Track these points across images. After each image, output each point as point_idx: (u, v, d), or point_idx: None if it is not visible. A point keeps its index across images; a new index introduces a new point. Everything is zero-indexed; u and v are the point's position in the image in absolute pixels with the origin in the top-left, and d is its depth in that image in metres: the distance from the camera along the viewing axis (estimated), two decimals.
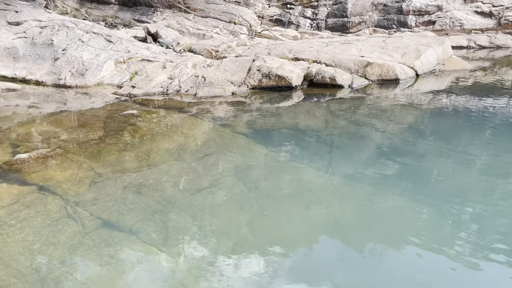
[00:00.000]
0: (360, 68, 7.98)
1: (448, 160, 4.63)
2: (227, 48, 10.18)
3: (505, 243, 3.14)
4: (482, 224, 3.41)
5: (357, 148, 5.08)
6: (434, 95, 7.13)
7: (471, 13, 11.97)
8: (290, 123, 6.06)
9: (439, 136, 5.35)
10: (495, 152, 4.75)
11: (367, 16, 14.04)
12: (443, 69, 8.51)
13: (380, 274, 2.90)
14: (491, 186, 4.00)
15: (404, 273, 2.92)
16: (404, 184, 4.12)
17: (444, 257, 3.05)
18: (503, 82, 7.67)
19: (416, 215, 3.61)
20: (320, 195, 3.95)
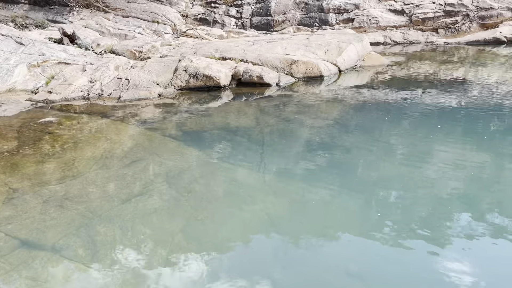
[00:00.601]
0: (286, 66, 8.12)
1: (372, 152, 4.84)
2: (151, 48, 9.87)
3: (425, 226, 3.34)
4: (404, 210, 3.61)
5: (287, 145, 5.15)
6: (356, 89, 7.45)
7: (386, 11, 12.70)
8: (221, 124, 6.00)
9: (363, 129, 5.59)
10: (413, 141, 5.06)
11: (290, 15, 14.36)
12: (363, 64, 8.93)
13: (315, 266, 2.94)
14: (410, 174, 4.25)
15: (337, 263, 2.99)
16: (333, 176, 4.24)
17: (373, 243, 3.17)
18: (417, 75, 8.22)
19: (345, 206, 3.73)
20: (254, 194, 3.94)
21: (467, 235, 3.22)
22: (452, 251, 3.07)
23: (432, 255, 3.04)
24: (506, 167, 4.33)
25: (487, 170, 4.29)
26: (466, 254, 3.03)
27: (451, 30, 11.38)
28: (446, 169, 4.33)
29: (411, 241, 3.21)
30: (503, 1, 10.69)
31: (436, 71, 8.39)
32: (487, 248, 3.10)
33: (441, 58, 9.65)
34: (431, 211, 3.59)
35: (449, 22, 11.40)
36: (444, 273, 2.84)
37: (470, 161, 4.46)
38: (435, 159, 4.57)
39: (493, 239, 3.16)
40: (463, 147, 4.82)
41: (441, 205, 3.67)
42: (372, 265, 2.95)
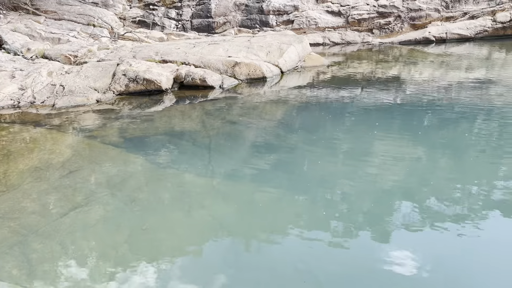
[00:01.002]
0: (229, 68, 8.10)
1: (316, 150, 4.94)
2: (87, 52, 9.45)
3: (370, 219, 3.45)
4: (350, 205, 3.70)
5: (234, 147, 5.13)
6: (299, 90, 7.58)
7: (324, 12, 13.06)
8: (165, 128, 5.86)
9: (307, 128, 5.69)
10: (354, 139, 5.22)
11: (231, 16, 14.36)
12: (304, 65, 9.11)
13: (265, 267, 2.93)
14: (353, 170, 4.37)
15: (286, 263, 3.00)
16: (280, 177, 4.27)
17: (321, 240, 3.22)
18: (355, 74, 8.51)
19: (292, 205, 3.76)
20: (201, 199, 3.87)
21: (409, 225, 3.36)
22: (396, 241, 3.18)
23: (378, 246, 3.14)
24: (440, 158, 4.57)
25: (423, 162, 4.51)
26: (409, 243, 3.15)
27: (385, 30, 11.93)
28: (386, 163, 4.50)
29: (358, 234, 3.30)
30: (430, 3, 11.37)
31: (373, 70, 8.74)
32: (428, 236, 3.25)
33: (377, 58, 10.07)
34: (375, 204, 3.72)
35: (382, 23, 11.94)
36: (390, 262, 2.94)
37: (408, 155, 4.67)
38: (375, 155, 4.74)
39: (433, 227, 3.31)
40: (400, 142, 5.04)
41: (383, 198, 3.80)
42: (320, 262, 2.99)
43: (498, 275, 2.76)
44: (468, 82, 7.35)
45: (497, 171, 4.16)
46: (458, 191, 3.87)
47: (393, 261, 2.94)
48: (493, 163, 4.34)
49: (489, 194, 3.77)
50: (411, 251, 3.04)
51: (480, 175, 4.10)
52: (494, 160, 4.42)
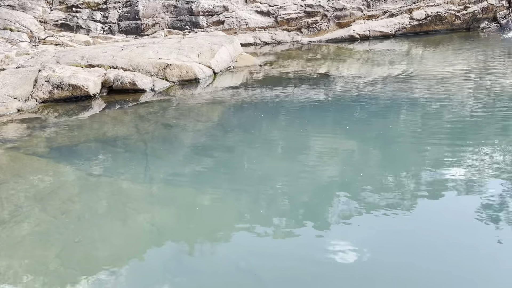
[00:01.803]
0: (160, 70, 7.93)
1: (253, 149, 4.98)
2: (4, 59, 8.79)
3: (310, 213, 3.54)
4: (289, 200, 3.77)
5: (171, 151, 5.03)
6: (233, 90, 7.60)
7: (253, 12, 13.21)
8: (96, 135, 5.61)
9: (243, 128, 5.72)
10: (289, 135, 5.33)
11: (160, 18, 14.06)
12: (236, 65, 9.15)
13: (206, 270, 2.90)
14: (290, 167, 4.46)
15: (228, 263, 2.99)
16: (219, 178, 4.26)
17: (263, 237, 3.24)
18: (287, 73, 8.70)
19: (233, 205, 3.76)
20: (138, 206, 3.75)
21: (347, 215, 3.48)
22: (336, 232, 3.29)
23: (320, 238, 3.22)
24: (371, 150, 4.80)
25: (356, 154, 4.72)
26: (349, 232, 3.27)
27: (313, 29, 12.31)
28: (321, 158, 4.64)
29: (300, 228, 3.36)
30: (353, 2, 11.91)
31: (304, 68, 8.98)
32: (366, 224, 3.39)
33: (307, 56, 10.37)
34: (314, 197, 3.82)
35: (310, 22, 12.31)
36: (332, 252, 3.03)
37: (341, 149, 4.86)
38: (310, 150, 4.87)
39: (369, 215, 3.47)
40: (333, 136, 5.23)
41: (322, 191, 3.92)
42: (262, 259, 3.01)
43: (430, 258, 2.95)
44: (392, 76, 7.80)
45: (423, 159, 4.45)
46: (389, 180, 4.09)
47: (335, 251, 3.03)
48: (419, 151, 4.63)
49: (418, 181, 4.02)
50: (351, 240, 3.14)
51: (408, 164, 4.35)
52: (420, 148, 4.71)
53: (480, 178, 3.93)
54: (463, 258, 2.89)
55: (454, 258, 2.90)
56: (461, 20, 10.90)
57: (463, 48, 9.64)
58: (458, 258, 2.90)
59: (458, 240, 3.10)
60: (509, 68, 7.70)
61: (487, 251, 2.95)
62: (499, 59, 8.57)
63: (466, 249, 2.99)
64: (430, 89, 6.77)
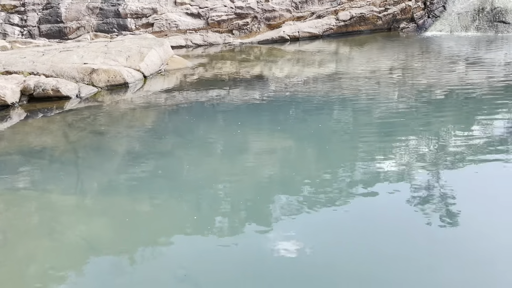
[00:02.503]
0: (86, 75, 7.52)
1: (191, 153, 4.87)
2: None
3: (253, 212, 3.52)
4: (231, 201, 3.73)
5: (104, 159, 4.78)
6: (166, 93, 7.39)
7: (183, 14, 12.99)
8: (18, 146, 5.20)
9: (179, 132, 5.58)
10: (226, 137, 5.27)
11: (85, 21, 13.39)
12: (168, 68, 8.91)
13: (145, 281, 2.77)
14: (229, 168, 4.42)
15: (169, 271, 2.88)
16: (158, 184, 4.11)
17: (204, 240, 3.17)
18: (221, 74, 8.63)
19: (173, 211, 3.65)
20: (68, 220, 3.51)
21: (287, 213, 3.50)
22: (278, 231, 3.28)
23: (261, 239, 3.21)
24: (307, 148, 4.88)
25: (292, 153, 4.77)
26: (290, 230, 3.28)
27: (244, 31, 12.35)
28: (260, 158, 4.64)
29: (243, 229, 3.34)
30: (282, 4, 12.12)
31: (237, 70, 8.96)
32: (307, 221, 3.43)
33: (239, 57, 10.38)
34: (253, 198, 3.80)
35: (241, 23, 12.33)
36: (275, 249, 3.02)
37: (278, 148, 4.89)
38: (248, 151, 4.85)
39: (309, 212, 3.50)
40: (270, 136, 5.25)
41: (261, 191, 3.91)
42: (203, 265, 2.93)
43: (368, 250, 3.03)
44: (322, 76, 8.01)
45: (356, 154, 4.59)
46: (326, 176, 4.17)
47: (277, 249, 3.03)
48: (352, 147, 4.78)
49: (352, 176, 4.14)
50: (292, 239, 3.16)
51: (342, 160, 4.47)
52: (352, 144, 4.87)
53: (410, 170, 4.13)
54: (398, 249, 3.00)
55: (390, 249, 2.99)
56: (382, 20, 11.48)
57: (386, 47, 10.16)
58: (394, 249, 3.00)
59: (393, 231, 3.22)
60: (428, 66, 8.23)
61: (420, 240, 3.08)
62: (418, 57, 9.13)
63: (401, 239, 3.11)
64: (358, 87, 7.04)
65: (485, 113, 5.51)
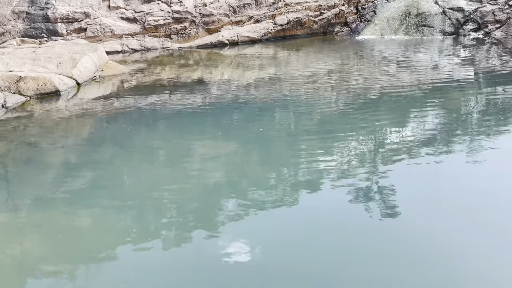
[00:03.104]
0: (12, 84, 7.02)
1: (132, 161, 4.70)
2: None
3: (201, 220, 3.45)
4: (177, 210, 3.64)
5: (36, 172, 4.52)
6: (102, 101, 7.09)
7: (118, 19, 12.56)
8: None
9: (117, 140, 5.37)
10: (167, 144, 5.14)
11: (10, 26, 12.54)
12: (103, 75, 8.56)
13: None
14: (173, 175, 4.32)
15: (115, 285, 2.75)
16: (96, 196, 3.95)
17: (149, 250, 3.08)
18: (161, 80, 8.43)
19: (116, 222, 3.52)
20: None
21: (235, 218, 3.48)
22: (226, 235, 3.26)
23: (209, 244, 3.17)
24: (250, 151, 4.88)
25: (236, 157, 4.75)
26: (239, 234, 3.26)
27: (182, 35, 12.17)
28: (205, 164, 4.59)
29: (191, 236, 3.27)
30: (220, 8, 12.09)
31: (177, 75, 8.80)
32: (256, 222, 3.43)
33: (179, 62, 10.21)
34: (199, 204, 3.76)
35: (179, 28, 12.14)
36: (224, 254, 3.00)
37: (222, 153, 4.84)
38: (193, 157, 4.78)
39: (257, 215, 3.51)
40: (214, 141, 5.19)
41: (207, 197, 3.86)
42: (149, 274, 2.83)
43: (315, 247, 3.06)
44: (263, 79, 8.08)
45: (299, 155, 4.67)
46: (271, 178, 4.19)
47: (226, 254, 3.02)
48: (295, 148, 4.86)
49: (297, 176, 4.21)
50: (242, 242, 3.14)
51: (286, 161, 4.52)
52: (295, 146, 4.94)
53: (350, 169, 4.26)
54: (341, 245, 3.07)
55: (334, 246, 3.06)
56: (318, 25, 11.82)
57: (323, 51, 10.47)
58: (338, 245, 3.06)
59: (337, 229, 3.29)
60: (362, 68, 8.57)
61: (360, 236, 3.17)
62: (353, 60, 9.50)
63: (345, 236, 3.18)
64: (298, 90, 7.18)
65: (417, 112, 5.82)
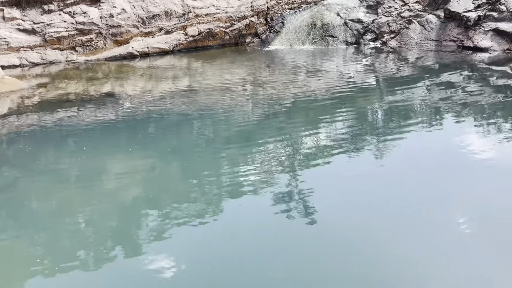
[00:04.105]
0: None
1: (36, 184, 4.37)
2: None
3: (121, 238, 3.28)
4: (94, 229, 3.45)
5: None
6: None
7: (15, 31, 11.61)
8: None
9: (19, 162, 4.96)
10: (80, 163, 4.85)
11: None
12: None
13: None
14: (87, 195, 4.09)
15: None
16: (3, 222, 3.57)
17: (66, 275, 2.89)
18: (67, 94, 7.93)
19: (28, 249, 3.25)
20: None
21: (158, 233, 3.37)
22: (149, 252, 3.15)
23: (130, 261, 3.04)
24: (168, 164, 4.78)
25: (155, 170, 4.61)
26: (162, 249, 3.17)
27: (89, 47, 11.59)
28: (120, 180, 4.38)
29: (110, 256, 3.13)
30: (128, 19, 11.73)
31: (85, 89, 8.36)
32: (179, 236, 3.35)
33: (86, 76, 9.70)
34: (119, 221, 3.60)
35: (85, 40, 11.55)
36: (146, 272, 2.90)
37: (139, 167, 4.68)
38: (107, 174, 4.55)
39: (181, 226, 3.43)
40: (129, 155, 4.99)
41: (126, 213, 3.70)
42: None
43: (238, 255, 3.08)
44: (177, 91, 7.98)
45: (218, 165, 4.67)
46: (191, 190, 4.13)
47: (153, 269, 2.94)
48: (215, 158, 4.85)
49: (219, 186, 4.19)
50: (165, 258, 3.07)
51: (207, 172, 4.50)
52: (214, 156, 4.94)
53: (269, 175, 4.36)
54: (264, 251, 3.13)
55: (257, 252, 3.10)
56: (230, 36, 12.00)
57: (235, 61, 10.65)
58: (260, 252, 3.12)
59: (258, 235, 3.35)
60: (275, 77, 8.87)
61: (282, 238, 3.27)
62: (265, 69, 9.78)
63: (267, 241, 3.25)
64: (214, 100, 7.20)
65: (329, 117, 6.15)
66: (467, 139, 4.91)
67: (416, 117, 5.81)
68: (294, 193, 3.93)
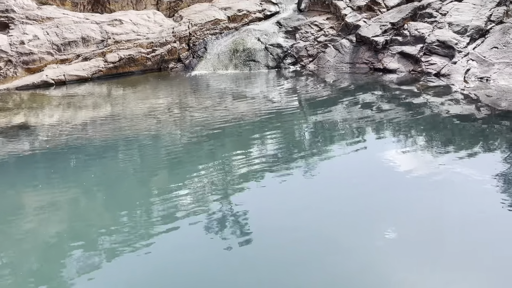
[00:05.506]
0: None
1: None
2: None
3: (33, 280, 3.02)
4: (12, 271, 3.12)
5: None
6: None
7: None
8: None
9: None
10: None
11: None
12: None
13: None
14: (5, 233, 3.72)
15: None
16: None
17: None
18: None
19: None
20: None
21: (86, 270, 3.13)
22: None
23: None
24: (91, 195, 4.52)
25: (78, 203, 4.34)
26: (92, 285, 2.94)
27: None
28: (41, 215, 4.06)
29: None
30: (41, 46, 11.10)
31: None
32: (108, 271, 3.12)
33: None
34: (42, 261, 3.29)
35: None
36: None
37: (61, 201, 4.38)
38: (29, 210, 4.21)
39: (111, 263, 3.21)
40: (49, 189, 4.65)
41: (48, 251, 3.42)
42: None
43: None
44: (99, 119, 7.65)
45: (150, 192, 4.52)
46: (120, 220, 3.94)
47: None
48: (145, 185, 4.68)
49: (150, 214, 4.04)
50: None
51: (136, 200, 4.32)
52: (143, 183, 4.76)
53: (202, 200, 4.30)
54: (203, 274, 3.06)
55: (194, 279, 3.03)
56: (152, 61, 11.83)
57: (159, 86, 10.49)
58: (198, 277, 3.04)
59: (195, 258, 3.27)
60: (200, 102, 8.86)
61: (224, 265, 3.22)
62: (189, 94, 9.75)
63: (205, 264, 3.18)
64: (139, 127, 7.00)
65: (257, 139, 6.25)
66: (387, 154, 5.27)
67: (338, 136, 6.12)
68: (228, 216, 3.91)
